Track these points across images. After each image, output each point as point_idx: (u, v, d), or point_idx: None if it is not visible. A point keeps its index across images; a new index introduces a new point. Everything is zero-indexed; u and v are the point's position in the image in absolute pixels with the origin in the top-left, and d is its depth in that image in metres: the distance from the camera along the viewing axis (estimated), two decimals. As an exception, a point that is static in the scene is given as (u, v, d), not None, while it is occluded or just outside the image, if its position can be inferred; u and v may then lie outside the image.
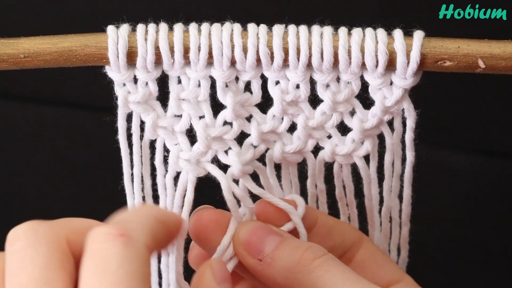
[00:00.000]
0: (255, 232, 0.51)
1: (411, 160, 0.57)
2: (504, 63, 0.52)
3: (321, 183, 0.58)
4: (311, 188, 0.58)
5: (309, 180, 0.58)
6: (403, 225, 0.59)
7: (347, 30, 0.53)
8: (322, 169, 0.57)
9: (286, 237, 0.51)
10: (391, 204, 0.59)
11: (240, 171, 0.54)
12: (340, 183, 0.58)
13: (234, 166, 0.54)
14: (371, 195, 0.58)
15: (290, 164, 0.57)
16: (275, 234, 0.51)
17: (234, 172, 0.54)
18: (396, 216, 0.59)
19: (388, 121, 0.55)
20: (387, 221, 0.59)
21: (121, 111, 0.55)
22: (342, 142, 0.56)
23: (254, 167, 0.56)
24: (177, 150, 0.55)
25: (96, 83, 0.55)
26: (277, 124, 0.55)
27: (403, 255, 0.61)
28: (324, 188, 0.58)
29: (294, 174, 0.58)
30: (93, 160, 0.91)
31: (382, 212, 0.59)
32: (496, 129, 0.86)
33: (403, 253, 0.60)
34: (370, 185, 0.57)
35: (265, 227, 0.52)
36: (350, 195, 0.58)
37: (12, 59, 0.53)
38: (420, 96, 0.55)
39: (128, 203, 0.58)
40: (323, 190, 0.58)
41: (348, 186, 0.58)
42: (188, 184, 0.55)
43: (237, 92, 0.54)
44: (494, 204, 0.88)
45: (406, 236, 0.60)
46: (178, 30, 0.53)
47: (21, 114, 0.91)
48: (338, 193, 0.58)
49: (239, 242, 0.51)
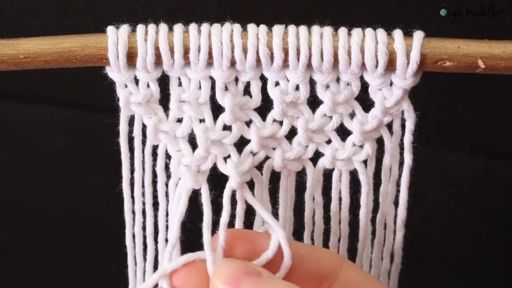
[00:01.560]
0: (231, 277, 0.49)
1: (409, 163, 0.56)
2: (504, 63, 0.52)
3: (319, 195, 0.57)
4: (309, 202, 0.58)
5: (307, 192, 0.57)
6: (398, 231, 0.59)
7: (347, 30, 0.53)
8: (321, 179, 0.57)
9: (262, 277, 0.49)
10: (386, 210, 0.58)
11: (238, 183, 0.54)
12: (337, 195, 0.57)
13: (232, 179, 0.54)
14: (368, 204, 0.57)
15: (290, 174, 0.57)
16: (251, 275, 0.49)
17: (232, 185, 0.54)
18: (391, 222, 0.58)
19: (387, 124, 0.55)
20: (381, 228, 0.59)
21: (123, 113, 0.55)
22: (342, 147, 0.56)
23: (252, 174, 0.56)
24: (179, 156, 0.55)
25: (96, 84, 0.55)
26: (277, 129, 0.55)
27: (396, 262, 0.60)
28: (321, 201, 0.58)
29: (291, 185, 0.57)
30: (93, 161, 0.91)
31: (377, 218, 0.58)
32: (496, 129, 0.86)
33: (396, 260, 0.60)
34: (368, 193, 0.57)
35: (241, 267, 0.50)
36: (345, 210, 0.58)
37: (12, 59, 0.53)
38: (420, 96, 0.55)
39: (125, 207, 0.58)
40: (320, 204, 0.58)
41: (345, 199, 0.57)
42: (183, 193, 0.54)
43: (235, 94, 0.54)
44: (494, 204, 0.88)
45: (400, 242, 0.59)
46: (178, 30, 0.53)
47: (21, 114, 0.91)
48: (333, 207, 0.58)
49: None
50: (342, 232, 0.58)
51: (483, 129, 0.86)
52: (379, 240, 0.59)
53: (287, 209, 0.58)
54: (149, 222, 0.58)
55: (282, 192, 0.57)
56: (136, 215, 0.58)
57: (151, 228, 0.58)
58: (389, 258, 0.60)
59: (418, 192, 0.59)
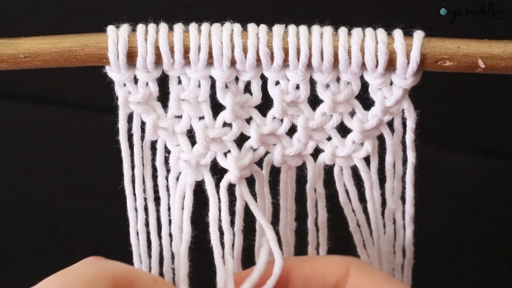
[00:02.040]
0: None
1: (412, 161, 0.56)
2: (504, 63, 0.52)
3: (320, 187, 0.57)
4: (311, 193, 0.58)
5: (308, 184, 0.57)
6: (407, 227, 0.59)
7: (347, 30, 0.53)
8: (322, 173, 0.57)
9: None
10: (393, 206, 0.58)
11: (237, 177, 0.54)
12: (342, 187, 0.57)
13: (231, 172, 0.54)
14: (374, 198, 0.58)
15: (290, 168, 0.57)
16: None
17: (231, 178, 0.54)
18: (399, 218, 0.59)
19: (387, 122, 0.55)
20: (391, 223, 0.59)
21: (121, 111, 0.55)
22: (342, 144, 0.56)
23: (252, 170, 0.56)
24: (177, 151, 0.55)
25: (96, 83, 0.55)
26: (277, 126, 0.55)
27: (408, 257, 0.60)
28: (323, 192, 0.58)
29: (292, 178, 0.57)
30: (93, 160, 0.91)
31: (385, 214, 0.59)
32: (496, 129, 0.86)
33: (408, 255, 0.60)
34: (372, 188, 0.57)
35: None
36: (355, 200, 0.58)
37: (12, 59, 0.53)
38: (420, 96, 0.55)
39: (128, 204, 0.58)
40: (322, 194, 0.58)
41: (351, 190, 0.57)
42: (186, 188, 0.55)
43: (236, 93, 0.54)
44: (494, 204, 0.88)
45: (411, 237, 0.59)
46: (178, 30, 0.53)
47: (21, 114, 0.91)
48: (342, 199, 0.58)
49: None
50: (360, 220, 0.58)
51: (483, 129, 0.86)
52: (389, 236, 0.59)
53: (287, 199, 0.58)
54: (152, 217, 0.58)
55: (282, 185, 0.58)
56: (138, 212, 0.58)
57: (154, 223, 0.58)
58: (401, 253, 0.60)
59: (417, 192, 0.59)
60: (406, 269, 0.61)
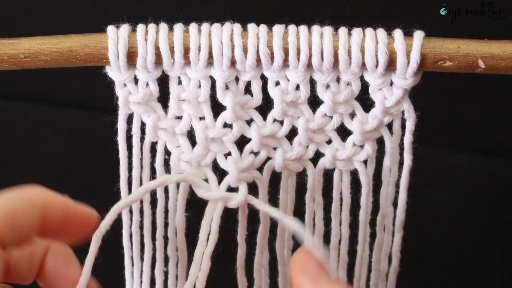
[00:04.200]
0: None
1: (409, 164, 0.56)
2: (504, 63, 0.52)
3: (319, 196, 0.57)
4: (310, 203, 0.57)
5: (308, 193, 0.57)
6: (396, 233, 0.58)
7: (347, 30, 0.53)
8: (321, 180, 0.57)
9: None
10: (386, 211, 0.58)
11: (236, 178, 0.54)
12: (338, 195, 0.57)
13: (231, 173, 0.54)
14: (368, 205, 0.57)
15: (290, 175, 0.57)
16: None
17: (230, 180, 0.54)
18: (389, 224, 0.58)
19: (387, 124, 0.55)
20: (382, 230, 0.58)
21: (121, 112, 0.55)
22: (342, 147, 0.56)
23: (254, 177, 0.56)
24: (178, 152, 0.55)
25: (97, 83, 0.55)
26: (277, 128, 0.55)
27: (394, 264, 0.59)
28: (322, 202, 0.57)
29: (292, 186, 0.57)
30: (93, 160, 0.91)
31: (377, 220, 0.58)
32: (496, 129, 0.86)
33: (394, 262, 0.59)
34: (368, 194, 0.57)
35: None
36: (346, 211, 0.57)
37: (12, 59, 0.53)
38: (420, 96, 0.55)
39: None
40: (320, 205, 0.57)
41: (346, 199, 0.57)
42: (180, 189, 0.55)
43: (237, 93, 0.54)
44: (494, 204, 0.88)
45: (399, 244, 0.59)
46: (178, 30, 0.53)
47: (21, 114, 0.91)
48: (334, 208, 0.57)
49: None
50: (343, 234, 0.58)
51: (483, 129, 0.86)
52: (379, 243, 0.59)
53: (287, 210, 0.58)
54: (147, 220, 0.58)
55: (282, 194, 0.57)
56: (133, 214, 0.58)
57: (148, 226, 0.58)
58: (387, 261, 0.59)
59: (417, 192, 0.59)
60: (391, 276, 0.60)
